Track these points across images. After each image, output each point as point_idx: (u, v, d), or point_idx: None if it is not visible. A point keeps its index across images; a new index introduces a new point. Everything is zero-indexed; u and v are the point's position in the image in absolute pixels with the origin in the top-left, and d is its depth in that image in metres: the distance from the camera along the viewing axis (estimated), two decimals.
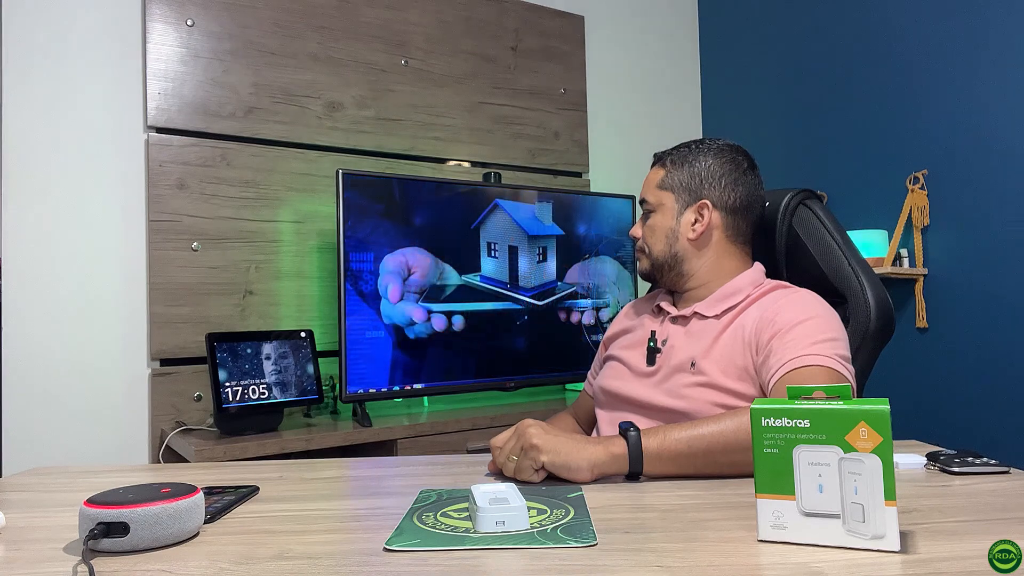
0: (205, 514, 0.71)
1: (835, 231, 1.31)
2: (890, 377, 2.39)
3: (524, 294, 2.36)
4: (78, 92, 2.00)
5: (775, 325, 1.10)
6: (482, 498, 0.73)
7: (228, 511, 0.78)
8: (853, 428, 0.61)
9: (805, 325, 1.08)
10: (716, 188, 1.25)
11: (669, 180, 1.28)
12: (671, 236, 1.27)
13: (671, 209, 1.28)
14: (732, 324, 1.17)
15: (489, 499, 0.73)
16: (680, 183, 1.28)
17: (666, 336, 1.25)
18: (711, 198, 1.25)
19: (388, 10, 2.43)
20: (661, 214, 1.28)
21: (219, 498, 0.81)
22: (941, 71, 2.27)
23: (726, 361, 1.14)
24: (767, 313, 1.13)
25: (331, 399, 2.19)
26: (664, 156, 1.32)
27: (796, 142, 2.78)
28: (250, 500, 0.83)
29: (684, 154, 1.29)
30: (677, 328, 1.25)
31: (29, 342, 1.91)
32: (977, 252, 2.18)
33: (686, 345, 1.20)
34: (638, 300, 1.44)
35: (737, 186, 1.25)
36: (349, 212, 2.03)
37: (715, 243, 1.25)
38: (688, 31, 3.20)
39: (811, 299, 1.15)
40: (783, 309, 1.12)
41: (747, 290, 1.21)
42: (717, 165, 1.26)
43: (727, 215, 1.25)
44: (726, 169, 1.25)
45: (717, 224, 1.25)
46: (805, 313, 1.11)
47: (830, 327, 1.09)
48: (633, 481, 0.90)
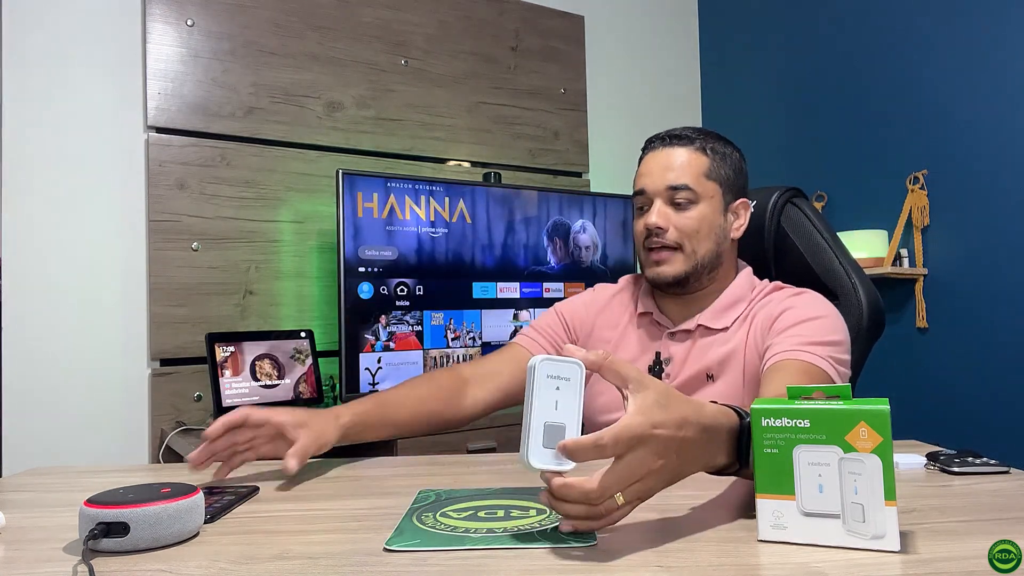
0: (205, 514, 0.71)
1: (824, 230, 1.31)
2: (890, 377, 2.39)
3: (524, 294, 2.36)
4: (78, 92, 2.00)
5: (781, 322, 1.07)
6: (540, 415, 0.62)
7: (228, 511, 0.78)
8: (853, 428, 0.61)
9: (808, 324, 1.06)
10: (746, 186, 1.19)
11: (716, 171, 1.14)
12: (720, 234, 1.14)
13: (718, 203, 1.14)
14: (747, 337, 1.11)
15: (546, 421, 0.62)
16: (726, 177, 1.15)
17: (669, 355, 1.15)
18: (746, 196, 1.19)
19: (388, 10, 2.43)
20: (708, 206, 1.13)
21: (219, 498, 0.81)
22: (941, 71, 2.27)
23: (750, 375, 1.08)
24: (774, 312, 1.10)
25: (331, 399, 2.19)
26: (695, 138, 1.15)
27: (796, 142, 2.78)
28: (250, 500, 0.83)
29: (721, 144, 1.16)
30: (679, 344, 1.15)
31: (29, 342, 1.91)
32: (977, 252, 2.18)
33: (695, 359, 1.13)
34: (605, 297, 1.28)
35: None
36: (349, 212, 2.03)
37: (733, 245, 1.19)
38: (688, 31, 3.20)
39: (819, 300, 1.12)
40: (790, 308, 1.09)
41: (747, 296, 1.16)
42: (741, 160, 1.19)
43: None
44: (744, 166, 1.20)
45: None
46: (810, 313, 1.08)
47: (834, 329, 1.06)
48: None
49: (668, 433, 0.62)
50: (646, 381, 0.63)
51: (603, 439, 0.60)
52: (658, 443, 0.61)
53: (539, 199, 2.40)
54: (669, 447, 0.62)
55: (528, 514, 0.74)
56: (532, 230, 2.38)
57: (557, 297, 2.42)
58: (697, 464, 0.67)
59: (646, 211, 1.15)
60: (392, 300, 2.11)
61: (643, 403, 0.62)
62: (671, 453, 0.63)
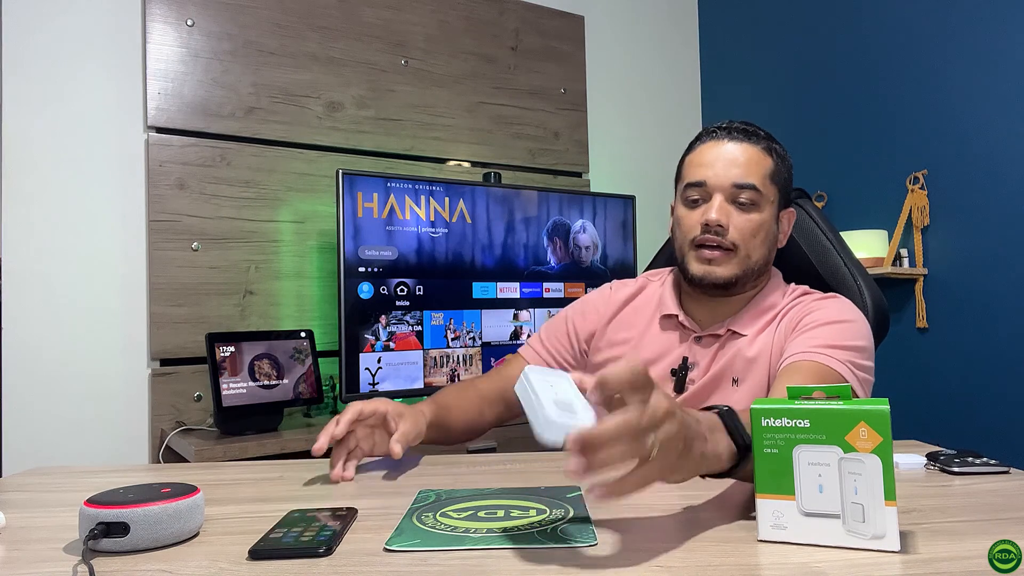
0: (320, 546, 0.63)
1: (828, 231, 1.31)
2: (890, 377, 2.39)
3: (524, 294, 2.36)
4: (78, 92, 2.00)
5: (804, 324, 1.06)
6: (546, 394, 0.60)
7: (342, 537, 0.68)
8: (853, 428, 0.61)
9: (830, 327, 1.03)
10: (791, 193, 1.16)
11: (777, 174, 1.09)
12: (772, 241, 1.10)
13: (773, 208, 1.09)
14: (773, 341, 1.09)
15: (554, 399, 0.60)
16: (784, 182, 1.11)
17: (695, 359, 1.11)
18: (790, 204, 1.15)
19: (388, 10, 2.43)
20: (768, 211, 1.08)
21: (322, 525, 0.70)
22: (941, 71, 2.27)
23: (774, 380, 1.06)
24: (799, 315, 1.08)
25: (331, 399, 2.19)
26: (761, 135, 1.10)
27: (796, 142, 2.78)
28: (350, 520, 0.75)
29: (780, 146, 1.12)
30: (706, 348, 1.11)
31: (29, 342, 1.91)
32: (977, 252, 2.18)
33: (721, 364, 1.09)
34: (622, 296, 1.23)
35: None
36: (349, 212, 2.03)
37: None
38: (688, 31, 3.20)
39: (846, 305, 1.09)
40: (815, 311, 1.07)
41: (779, 302, 1.13)
42: (791, 167, 1.15)
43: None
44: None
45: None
46: (833, 316, 1.05)
47: (857, 335, 1.03)
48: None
49: (685, 417, 0.61)
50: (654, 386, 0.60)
51: (640, 373, 0.55)
52: (678, 420, 0.59)
53: (539, 199, 2.40)
54: (688, 425, 0.60)
55: (528, 514, 0.74)
56: (532, 230, 2.38)
57: (557, 297, 2.42)
58: (707, 458, 0.65)
59: (701, 204, 1.08)
60: (392, 300, 2.11)
61: (659, 393, 0.58)
62: (689, 432, 0.61)
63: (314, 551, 0.63)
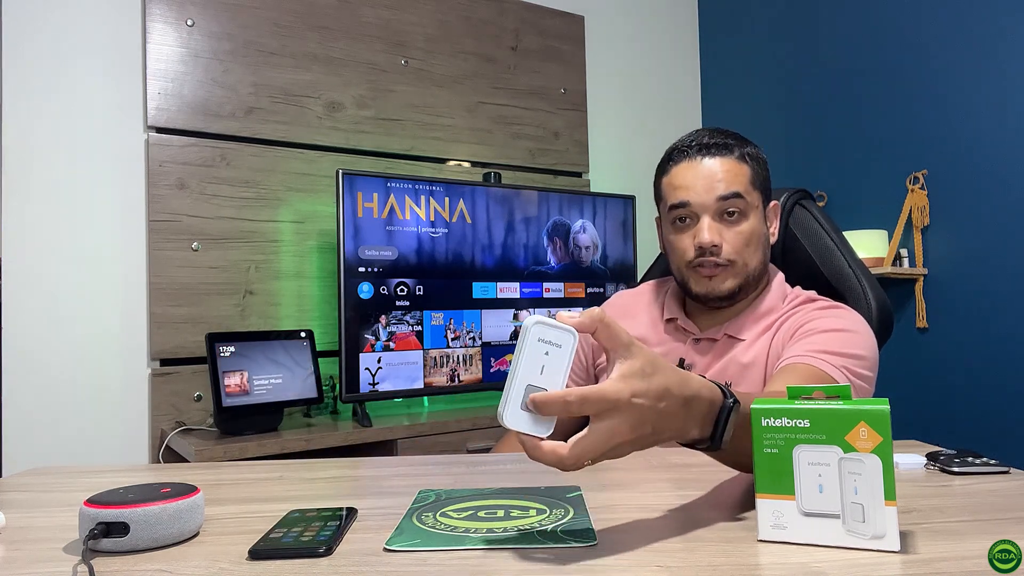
0: (320, 546, 0.63)
1: (832, 232, 1.31)
2: (890, 377, 2.39)
3: (524, 294, 2.36)
4: (78, 92, 2.00)
5: (803, 331, 1.05)
6: (527, 373, 0.60)
7: (341, 538, 0.68)
8: (853, 428, 0.61)
9: (831, 334, 1.02)
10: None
11: (756, 177, 1.10)
12: (765, 244, 1.11)
13: (760, 212, 1.10)
14: (770, 347, 1.08)
15: (527, 383, 0.60)
16: (764, 181, 1.11)
17: (692, 362, 1.13)
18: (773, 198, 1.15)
19: (388, 10, 2.43)
20: (755, 217, 1.09)
21: (321, 526, 0.69)
22: (941, 71, 2.27)
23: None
24: (799, 322, 1.07)
25: (331, 399, 2.19)
26: (732, 146, 1.10)
27: (796, 142, 2.78)
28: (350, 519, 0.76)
29: (751, 146, 1.12)
30: (703, 351, 1.13)
31: (29, 342, 1.91)
32: (977, 252, 2.18)
33: (717, 367, 1.10)
34: (624, 302, 1.27)
35: None
36: (349, 212, 2.03)
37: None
38: (688, 31, 3.20)
39: (850, 315, 1.08)
40: (816, 319, 1.06)
41: (779, 307, 1.12)
42: (765, 157, 1.15)
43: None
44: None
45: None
46: (835, 325, 1.04)
47: (858, 344, 1.02)
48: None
49: (647, 404, 0.59)
50: (635, 349, 0.60)
51: (570, 396, 0.57)
52: (635, 413, 0.58)
53: (539, 199, 2.40)
54: (646, 418, 0.59)
55: (528, 514, 0.74)
56: (532, 230, 2.38)
57: (557, 297, 2.42)
58: (670, 433, 0.63)
59: (690, 225, 1.10)
60: (392, 300, 2.11)
61: (627, 370, 0.59)
62: (647, 424, 0.60)
63: (314, 551, 0.62)
